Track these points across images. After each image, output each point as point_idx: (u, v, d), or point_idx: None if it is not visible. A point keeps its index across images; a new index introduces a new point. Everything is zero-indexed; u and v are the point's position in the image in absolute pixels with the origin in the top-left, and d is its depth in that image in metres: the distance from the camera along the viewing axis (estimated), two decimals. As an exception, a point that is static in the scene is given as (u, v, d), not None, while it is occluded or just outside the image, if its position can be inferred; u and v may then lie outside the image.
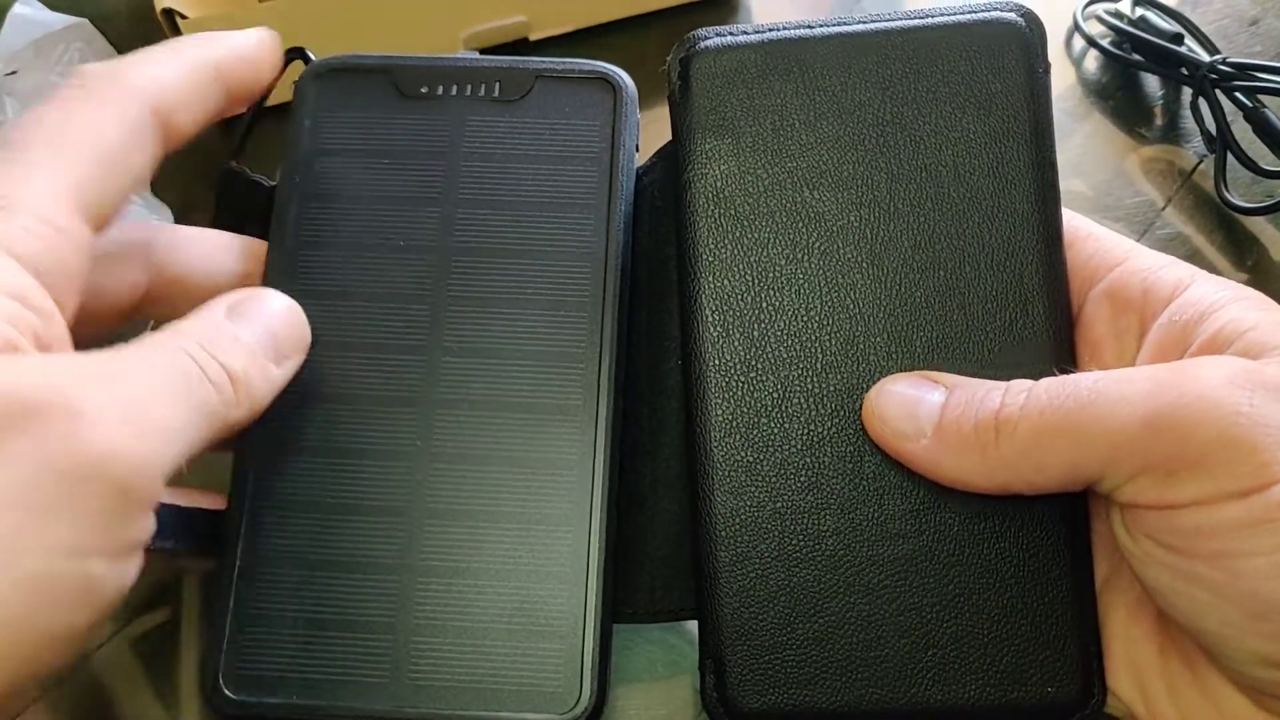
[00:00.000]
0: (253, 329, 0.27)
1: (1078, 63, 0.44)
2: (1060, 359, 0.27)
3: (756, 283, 0.28)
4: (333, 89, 0.31)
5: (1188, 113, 0.41)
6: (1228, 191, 0.39)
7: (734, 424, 0.28)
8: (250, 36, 0.29)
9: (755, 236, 0.28)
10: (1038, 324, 0.27)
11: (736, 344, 0.28)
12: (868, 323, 0.28)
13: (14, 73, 0.41)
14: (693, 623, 0.28)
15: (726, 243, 0.29)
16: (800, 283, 0.28)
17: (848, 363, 0.28)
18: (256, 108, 0.31)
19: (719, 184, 0.29)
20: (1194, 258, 0.39)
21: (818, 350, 0.28)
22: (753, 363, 0.28)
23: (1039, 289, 0.28)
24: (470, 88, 0.31)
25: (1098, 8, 0.44)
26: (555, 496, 0.28)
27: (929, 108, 0.29)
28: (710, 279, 0.28)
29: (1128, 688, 0.27)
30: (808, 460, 0.27)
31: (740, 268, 0.28)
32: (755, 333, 0.28)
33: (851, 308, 0.28)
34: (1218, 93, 0.39)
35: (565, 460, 0.28)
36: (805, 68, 0.29)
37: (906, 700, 0.26)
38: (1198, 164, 0.41)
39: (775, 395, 0.28)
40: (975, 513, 0.27)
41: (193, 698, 0.33)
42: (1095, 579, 0.27)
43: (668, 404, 0.30)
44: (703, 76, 0.29)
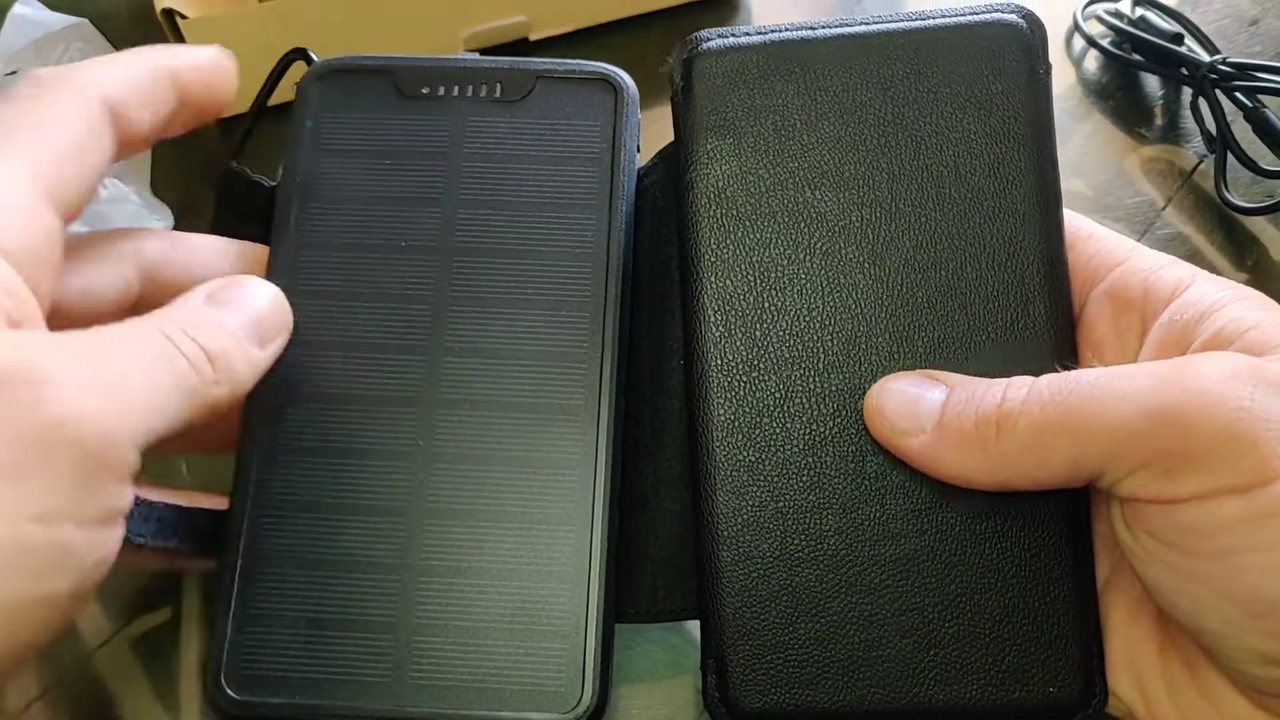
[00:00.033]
0: (232, 313, 0.27)
1: (1078, 63, 0.44)
2: (1062, 359, 0.27)
3: (759, 283, 0.28)
4: (335, 90, 0.31)
5: (1188, 113, 0.41)
6: (1228, 191, 0.39)
7: (736, 424, 0.28)
8: (205, 50, 0.29)
9: (757, 236, 0.29)
10: (1039, 324, 0.28)
11: (739, 344, 0.28)
12: (870, 323, 0.28)
13: (14, 73, 0.41)
14: (694, 623, 0.28)
15: (729, 243, 0.29)
16: (802, 283, 0.28)
17: (850, 363, 0.28)
18: (257, 108, 0.31)
19: (721, 184, 0.29)
20: (1194, 258, 0.39)
21: (820, 350, 0.28)
22: (755, 362, 0.28)
23: (1041, 289, 0.28)
24: (471, 88, 0.31)
25: (1098, 8, 0.44)
26: (557, 496, 0.28)
27: (930, 108, 0.29)
28: (712, 279, 0.28)
29: (1128, 687, 0.27)
30: (810, 460, 0.27)
31: (742, 268, 0.28)
32: (757, 332, 0.28)
33: (853, 308, 0.28)
34: (1218, 93, 0.39)
35: (567, 460, 0.28)
36: (807, 69, 0.29)
37: (908, 700, 0.26)
38: (1198, 164, 0.41)
39: (777, 395, 0.28)
40: (977, 512, 0.27)
41: (193, 698, 0.33)
42: (1096, 579, 0.27)
43: (669, 404, 0.30)
44: (705, 77, 0.29)
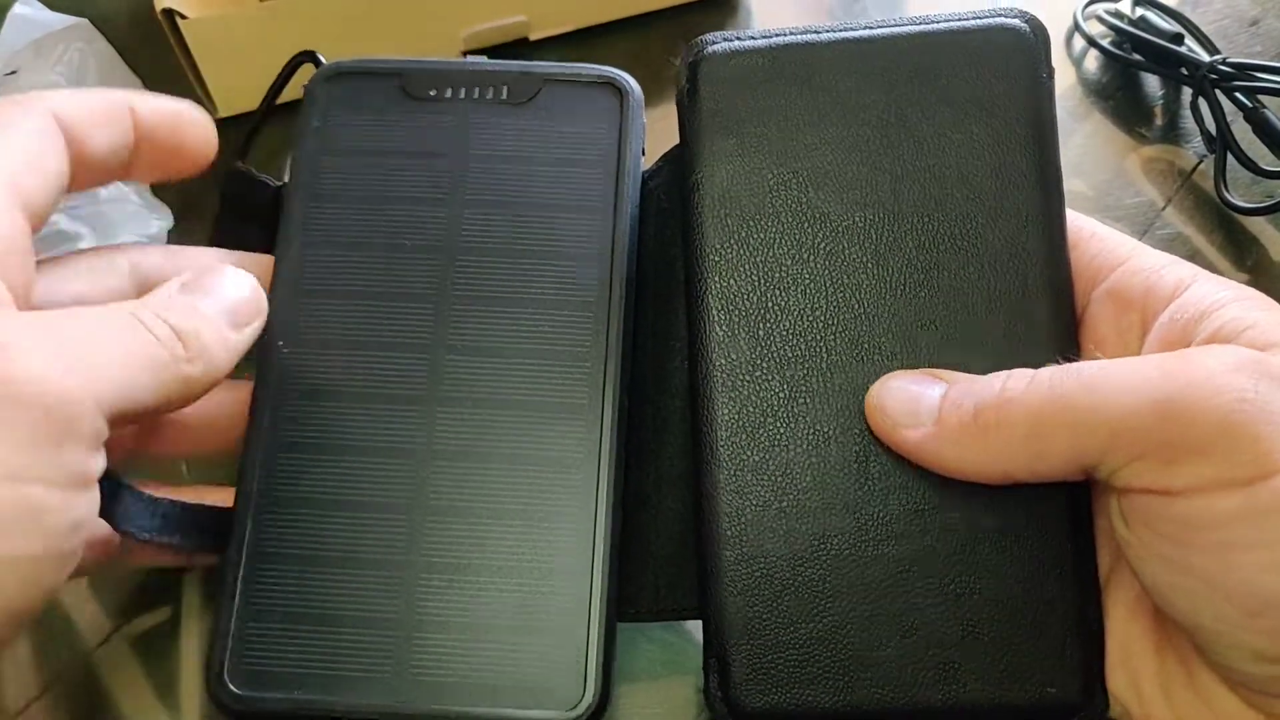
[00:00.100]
0: (205, 297, 0.27)
1: (1078, 63, 0.44)
2: (1065, 356, 0.27)
3: (763, 283, 0.28)
4: (342, 91, 0.31)
5: (1188, 113, 0.41)
6: (1228, 191, 0.39)
7: (740, 423, 0.28)
8: (173, 99, 0.29)
9: (762, 237, 0.29)
10: (1042, 324, 0.28)
11: (743, 344, 0.28)
12: (873, 323, 0.28)
13: (14, 73, 0.41)
14: (696, 622, 0.28)
15: (733, 243, 0.29)
16: (806, 283, 0.28)
17: (853, 362, 0.28)
18: (265, 109, 0.31)
19: (726, 185, 0.29)
20: (1194, 258, 0.39)
21: (823, 350, 0.28)
22: (759, 362, 0.28)
23: (1043, 290, 0.28)
24: (478, 91, 0.31)
25: (1098, 8, 0.44)
26: (560, 495, 0.28)
27: (933, 111, 0.29)
28: (717, 279, 0.28)
29: (1123, 686, 0.27)
30: (813, 460, 0.27)
31: (747, 268, 0.28)
32: (761, 332, 0.28)
33: (857, 308, 0.28)
34: (1218, 93, 0.39)
35: (570, 459, 0.28)
36: (812, 72, 0.29)
37: (909, 700, 0.26)
38: (1198, 164, 0.41)
39: (781, 395, 0.28)
40: (979, 512, 0.27)
41: (193, 697, 0.33)
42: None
43: (672, 403, 0.30)
44: (711, 80, 0.29)
